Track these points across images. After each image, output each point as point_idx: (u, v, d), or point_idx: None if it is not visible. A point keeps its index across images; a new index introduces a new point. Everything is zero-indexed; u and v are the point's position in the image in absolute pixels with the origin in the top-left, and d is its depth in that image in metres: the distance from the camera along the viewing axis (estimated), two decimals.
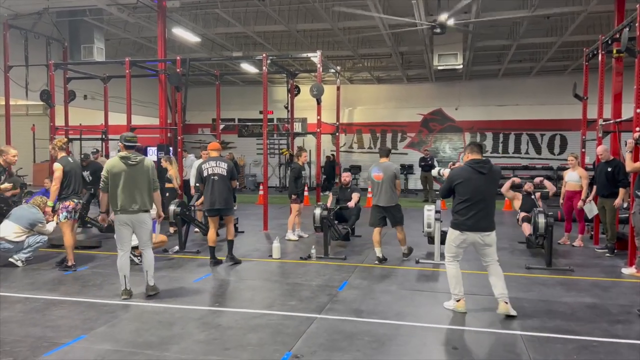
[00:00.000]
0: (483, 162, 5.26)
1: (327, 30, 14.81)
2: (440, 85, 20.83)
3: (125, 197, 5.70)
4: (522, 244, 9.18)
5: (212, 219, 7.44)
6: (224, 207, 7.29)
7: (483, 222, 5.18)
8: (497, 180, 5.48)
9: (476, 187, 5.18)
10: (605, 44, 9.04)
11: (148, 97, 18.51)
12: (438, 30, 10.32)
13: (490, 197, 5.25)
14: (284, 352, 4.27)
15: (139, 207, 5.74)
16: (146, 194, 5.83)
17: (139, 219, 5.77)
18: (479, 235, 5.19)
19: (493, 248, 5.26)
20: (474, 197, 5.16)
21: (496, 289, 5.21)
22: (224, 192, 7.25)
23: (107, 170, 5.80)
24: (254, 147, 22.28)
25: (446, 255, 5.47)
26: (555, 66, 18.48)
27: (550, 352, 4.31)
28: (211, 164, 7.33)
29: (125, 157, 5.79)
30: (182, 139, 11.08)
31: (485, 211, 5.18)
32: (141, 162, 5.85)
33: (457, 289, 5.36)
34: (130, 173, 5.76)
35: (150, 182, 5.90)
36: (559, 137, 20.00)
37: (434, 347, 4.46)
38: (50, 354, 4.21)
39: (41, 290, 6.15)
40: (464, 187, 5.23)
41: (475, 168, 5.22)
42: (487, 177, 5.20)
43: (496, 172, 5.37)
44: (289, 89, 12.64)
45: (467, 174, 5.25)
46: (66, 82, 12.91)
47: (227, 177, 7.29)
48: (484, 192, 5.19)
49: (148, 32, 14.73)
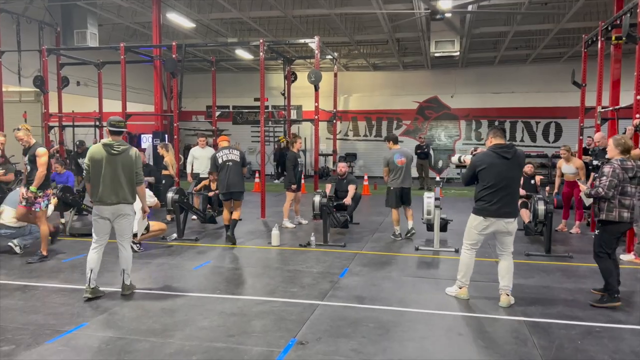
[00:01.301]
0: (507, 146, 5.12)
1: (324, 16, 14.69)
2: (436, 72, 20.76)
3: (105, 187, 5.20)
4: (519, 230, 9.19)
5: (227, 203, 8.10)
6: (238, 191, 8.00)
7: (507, 207, 5.06)
8: (522, 165, 5.38)
9: (500, 172, 5.03)
10: (604, 30, 9.00)
11: (141, 83, 18.33)
12: (438, 16, 10.24)
13: (515, 183, 5.15)
14: (289, 338, 4.25)
15: (118, 200, 5.23)
16: (128, 186, 5.28)
17: (118, 210, 5.26)
18: (503, 221, 5.08)
19: (512, 237, 5.21)
20: (498, 182, 5.03)
21: (502, 281, 5.19)
22: (238, 177, 7.98)
23: (89, 157, 5.30)
24: (248, 135, 22.15)
25: (465, 242, 5.37)
26: (551, 53, 18.46)
27: (555, 338, 4.32)
28: (225, 152, 8.03)
29: (108, 144, 5.25)
30: (178, 126, 10.96)
31: (510, 197, 5.08)
32: (125, 151, 5.28)
33: (465, 277, 5.35)
34: (112, 162, 5.22)
35: (133, 174, 5.33)
36: (554, 125, 20.03)
37: (439, 333, 4.46)
38: (53, 342, 4.17)
39: (40, 277, 6.10)
40: (488, 173, 5.08)
41: (499, 153, 5.08)
42: (512, 162, 5.07)
43: (521, 156, 5.19)
44: (286, 75, 12.51)
45: (490, 159, 5.11)
46: (59, 68, 12.73)
47: (240, 164, 8.04)
48: (509, 177, 5.05)
49: (142, 18, 14.54)
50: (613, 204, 5.07)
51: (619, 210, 5.05)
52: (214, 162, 8.10)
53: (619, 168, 5.08)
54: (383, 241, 8.38)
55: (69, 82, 13.50)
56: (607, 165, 5.17)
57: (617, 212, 5.05)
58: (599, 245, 5.22)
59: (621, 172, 5.07)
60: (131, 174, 5.33)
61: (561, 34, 15.61)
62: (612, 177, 5.04)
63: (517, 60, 19.70)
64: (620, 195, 5.07)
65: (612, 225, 5.10)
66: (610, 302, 5.09)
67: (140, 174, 5.42)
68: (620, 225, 5.10)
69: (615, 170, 5.06)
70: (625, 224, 5.10)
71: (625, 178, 5.09)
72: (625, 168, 5.11)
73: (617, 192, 5.06)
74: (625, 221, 5.06)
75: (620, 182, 5.06)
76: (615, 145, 5.23)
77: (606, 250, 5.17)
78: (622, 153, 5.19)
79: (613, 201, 5.06)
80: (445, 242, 8.06)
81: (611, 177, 5.04)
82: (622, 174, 5.07)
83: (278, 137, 19.51)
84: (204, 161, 10.24)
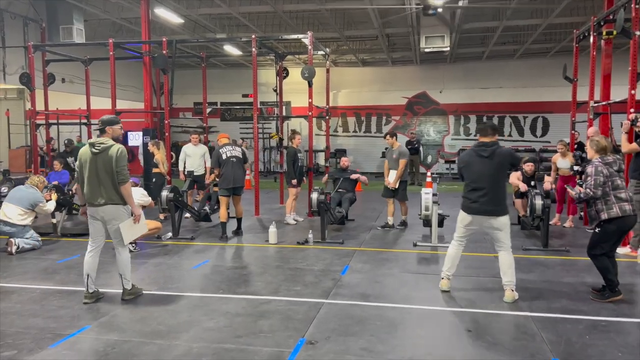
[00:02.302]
0: (486, 145, 5.16)
1: (313, 12, 14.60)
2: (425, 68, 20.80)
3: (90, 188, 5.03)
4: (514, 225, 9.24)
5: (226, 199, 8.18)
6: (240, 186, 8.26)
7: (487, 205, 5.09)
8: (503, 163, 5.21)
9: (477, 171, 5.14)
10: (597, 25, 9.06)
11: (128, 80, 18.07)
12: (430, 11, 10.22)
13: (493, 181, 5.10)
14: (298, 338, 4.20)
15: (104, 201, 5.01)
16: (110, 186, 5.00)
17: (106, 212, 5.03)
18: (484, 218, 5.16)
19: (503, 233, 5.18)
20: (475, 180, 5.14)
21: (505, 276, 5.19)
22: (241, 172, 8.26)
23: (78, 158, 5.16)
24: (237, 131, 21.97)
25: (454, 236, 5.48)
26: (538, 49, 18.59)
27: (562, 332, 4.33)
28: (228, 148, 8.25)
29: (91, 143, 5.05)
30: (170, 123, 10.81)
31: (489, 195, 5.08)
32: (105, 150, 5.00)
33: (450, 270, 5.43)
34: (94, 162, 5.00)
35: (114, 174, 4.99)
36: (542, 120, 20.21)
37: (448, 330, 4.44)
38: (56, 345, 4.06)
39: (35, 280, 5.96)
40: (467, 171, 5.26)
41: (477, 151, 5.18)
42: (489, 160, 5.09)
43: (501, 154, 5.14)
44: (278, 71, 12.41)
45: (468, 158, 5.26)
46: (45, 65, 12.47)
47: (242, 160, 8.31)
48: (486, 175, 5.08)
49: (128, 13, 14.30)
50: (611, 201, 5.06)
51: (619, 205, 5.05)
52: (217, 159, 8.18)
53: (600, 165, 5.11)
54: (380, 238, 8.36)
55: (55, 79, 13.25)
56: (589, 165, 5.21)
57: (617, 207, 5.05)
58: (595, 245, 5.18)
59: (604, 167, 5.10)
60: (112, 173, 5.00)
61: (548, 29, 15.72)
62: (596, 175, 5.06)
63: (504, 56, 19.82)
64: (614, 190, 5.08)
65: (618, 221, 5.07)
66: (612, 296, 5.12)
67: (122, 172, 5.02)
68: (626, 219, 5.07)
69: (597, 168, 5.09)
70: (630, 217, 5.07)
71: (612, 172, 5.11)
72: (607, 163, 5.14)
73: (609, 189, 5.07)
74: (629, 214, 5.05)
75: (608, 177, 5.08)
76: (592, 146, 5.29)
77: (604, 249, 5.16)
78: (599, 152, 5.23)
79: (609, 198, 5.06)
80: (442, 238, 8.05)
81: (595, 175, 5.06)
82: (606, 169, 5.09)
83: (270, 134, 19.38)
84: (197, 159, 10.13)
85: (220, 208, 8.38)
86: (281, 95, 12.37)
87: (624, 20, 7.42)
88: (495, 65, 20.21)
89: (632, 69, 7.28)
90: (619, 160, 5.24)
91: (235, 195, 8.28)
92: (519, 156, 5.33)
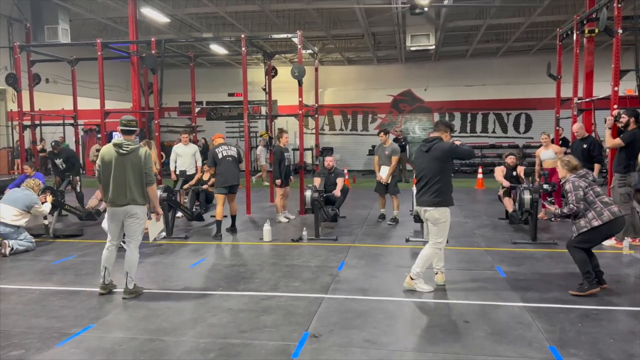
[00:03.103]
0: (426, 140, 5.55)
1: (300, 11, 14.67)
2: (410, 66, 21.01)
3: (114, 189, 5.16)
4: (502, 219, 9.48)
5: (222, 197, 8.29)
6: (236, 184, 8.39)
7: (423, 197, 5.42)
8: (439, 157, 5.31)
9: (419, 164, 5.55)
10: (580, 23, 9.30)
11: (114, 80, 17.93)
12: (417, 10, 10.38)
13: (430, 174, 5.31)
14: (301, 332, 4.30)
15: (127, 202, 5.17)
16: (137, 187, 5.19)
17: (128, 211, 5.20)
18: (422, 209, 5.48)
19: (435, 228, 5.38)
20: (418, 173, 5.55)
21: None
22: (236, 171, 8.37)
23: (100, 158, 5.27)
24: (223, 131, 21.90)
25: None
26: (521, 47, 18.92)
27: (556, 322, 4.49)
28: (224, 148, 8.39)
29: (117, 144, 5.19)
30: (159, 123, 10.80)
31: (426, 187, 5.37)
32: (133, 151, 5.19)
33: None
34: (121, 163, 5.16)
35: (142, 175, 5.21)
36: (524, 116, 20.57)
37: (447, 322, 4.57)
38: (63, 344, 4.10)
39: (33, 280, 5.96)
40: (416, 166, 5.74)
41: (420, 147, 5.59)
42: (428, 154, 5.39)
43: (437, 149, 5.30)
44: (267, 70, 12.47)
45: (416, 153, 5.85)
46: (30, 65, 12.35)
47: (237, 159, 8.45)
48: (425, 168, 5.42)
49: (114, 13, 14.21)
50: (598, 207, 5.18)
51: (608, 209, 5.17)
52: (212, 158, 8.31)
53: (577, 180, 5.31)
54: (373, 234, 8.49)
55: (40, 80, 13.13)
56: (567, 183, 5.38)
57: (606, 211, 5.15)
58: (581, 242, 5.28)
59: (580, 181, 5.30)
60: (140, 174, 5.21)
61: (530, 27, 16.01)
62: (576, 191, 5.24)
63: (488, 54, 20.12)
64: (597, 197, 5.25)
65: (610, 224, 5.15)
66: (590, 288, 5.21)
67: (150, 174, 5.29)
68: (618, 220, 5.18)
69: (574, 184, 5.29)
70: (621, 217, 5.20)
71: (589, 182, 5.32)
72: (581, 176, 5.36)
73: (593, 197, 5.22)
74: (618, 215, 5.17)
75: (587, 187, 5.27)
76: (563, 166, 5.48)
77: (586, 245, 5.30)
78: (571, 171, 5.42)
79: (596, 206, 5.19)
80: None
81: (574, 191, 5.25)
82: (582, 181, 5.29)
83: (260, 133, 19.41)
84: (187, 158, 10.15)
85: (217, 206, 8.38)
86: (270, 94, 12.43)
87: (607, 18, 7.65)
88: (479, 63, 20.50)
89: (615, 67, 7.52)
90: (590, 173, 5.52)
91: (231, 193, 8.40)
92: (462, 149, 5.31)
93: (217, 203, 8.35)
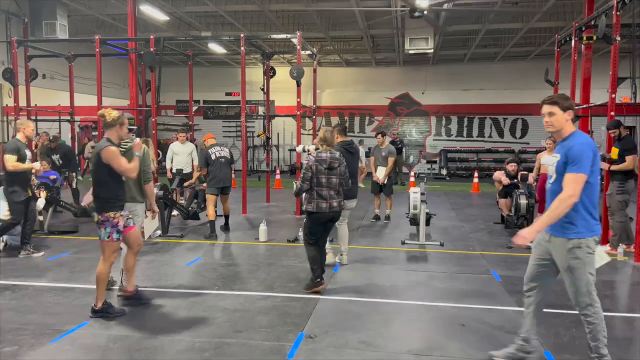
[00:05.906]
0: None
1: (299, 12, 14.68)
2: (408, 69, 21.06)
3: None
4: (497, 224, 9.50)
5: (213, 197, 8.28)
6: (229, 185, 8.43)
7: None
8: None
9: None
10: (578, 30, 9.33)
11: (110, 77, 17.86)
12: (416, 13, 10.40)
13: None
14: (297, 332, 4.29)
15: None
16: (134, 185, 5.22)
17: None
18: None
19: (347, 212, 6.47)
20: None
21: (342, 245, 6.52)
22: (229, 172, 8.43)
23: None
24: (220, 130, 21.91)
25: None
26: (519, 52, 19.00)
27: (551, 326, 4.51)
28: (217, 149, 8.39)
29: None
30: (156, 121, 10.77)
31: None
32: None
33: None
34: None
35: (141, 172, 5.13)
36: (521, 121, 20.65)
37: (443, 324, 4.57)
38: (57, 341, 4.08)
39: (27, 276, 5.92)
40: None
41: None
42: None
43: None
44: (265, 70, 12.47)
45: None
46: (27, 60, 12.28)
47: (230, 160, 8.47)
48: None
49: (112, 9, 14.17)
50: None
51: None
52: (205, 159, 8.30)
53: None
54: (368, 235, 8.50)
55: (37, 75, 13.06)
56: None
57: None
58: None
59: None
60: (139, 172, 5.10)
61: (528, 33, 16.09)
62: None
63: (486, 58, 20.19)
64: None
65: None
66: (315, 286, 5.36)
67: (147, 172, 5.35)
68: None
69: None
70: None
71: None
72: None
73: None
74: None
75: None
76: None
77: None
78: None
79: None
80: (429, 236, 8.23)
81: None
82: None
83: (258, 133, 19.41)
84: (184, 157, 10.13)
85: (207, 207, 8.40)
86: (268, 94, 12.42)
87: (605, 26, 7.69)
88: (476, 68, 20.57)
89: (613, 74, 7.54)
90: None
91: (224, 194, 8.43)
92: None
93: (208, 204, 8.33)
